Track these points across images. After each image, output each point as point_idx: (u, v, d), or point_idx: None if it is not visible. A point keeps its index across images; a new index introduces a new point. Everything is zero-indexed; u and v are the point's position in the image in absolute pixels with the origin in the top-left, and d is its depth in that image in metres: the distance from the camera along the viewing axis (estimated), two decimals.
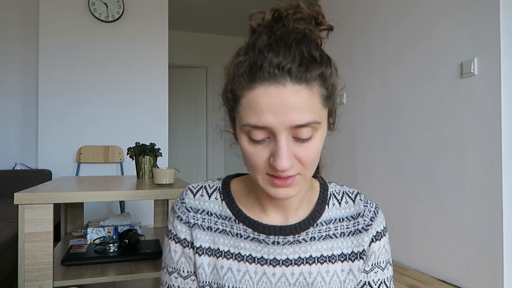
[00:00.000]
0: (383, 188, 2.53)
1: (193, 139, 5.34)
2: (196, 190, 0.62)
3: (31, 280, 1.12)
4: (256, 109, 0.46)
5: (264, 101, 0.46)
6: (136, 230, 1.60)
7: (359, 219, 0.62)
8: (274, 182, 0.49)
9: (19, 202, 1.11)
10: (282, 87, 0.45)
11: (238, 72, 0.48)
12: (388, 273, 0.63)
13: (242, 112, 0.48)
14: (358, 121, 2.79)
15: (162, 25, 3.28)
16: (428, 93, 2.15)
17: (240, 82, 0.48)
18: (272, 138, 0.48)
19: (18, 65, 3.18)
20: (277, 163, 0.46)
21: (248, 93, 0.47)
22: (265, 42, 0.47)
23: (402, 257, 2.34)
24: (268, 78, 0.45)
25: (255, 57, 0.47)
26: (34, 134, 3.16)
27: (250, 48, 0.48)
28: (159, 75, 3.26)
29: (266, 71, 0.45)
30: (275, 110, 0.45)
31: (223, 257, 0.58)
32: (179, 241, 0.61)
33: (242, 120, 0.48)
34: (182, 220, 0.61)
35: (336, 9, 3.11)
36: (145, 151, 1.76)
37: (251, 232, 0.58)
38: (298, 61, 0.46)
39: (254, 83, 0.46)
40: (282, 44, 0.47)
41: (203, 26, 4.99)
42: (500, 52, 1.72)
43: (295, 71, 0.45)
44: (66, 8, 3.03)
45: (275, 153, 0.47)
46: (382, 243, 0.62)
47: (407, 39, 2.33)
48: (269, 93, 0.45)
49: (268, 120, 0.46)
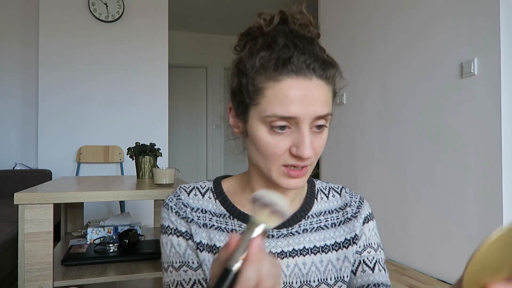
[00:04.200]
0: (383, 188, 2.52)
1: (193, 139, 5.34)
2: (189, 190, 0.63)
3: (31, 280, 1.12)
4: (284, 99, 0.49)
5: (293, 93, 0.49)
6: (136, 230, 1.60)
7: (347, 209, 0.65)
8: (290, 173, 0.52)
9: (19, 202, 1.11)
10: (309, 80, 0.49)
11: (263, 65, 0.50)
12: (381, 255, 0.64)
13: (266, 103, 0.50)
14: (358, 121, 2.79)
15: (162, 25, 3.28)
16: (428, 93, 2.15)
17: (265, 73, 0.50)
18: (295, 129, 0.50)
19: (18, 65, 3.18)
20: (303, 151, 0.49)
21: (275, 85, 0.49)
22: (285, 40, 0.51)
23: (402, 257, 2.34)
24: (296, 71, 0.49)
25: (281, 52, 0.50)
26: (34, 134, 3.16)
27: (273, 44, 0.51)
28: (159, 75, 3.26)
29: (295, 65, 0.49)
30: (302, 101, 0.49)
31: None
32: (181, 234, 0.60)
33: (266, 111, 0.50)
34: (180, 215, 0.60)
35: (336, 9, 3.11)
36: (145, 151, 1.76)
37: (246, 227, 0.59)
38: (321, 60, 0.50)
39: (282, 75, 0.49)
40: (305, 43, 0.51)
41: (203, 26, 4.99)
42: (500, 52, 1.72)
43: (318, 68, 0.50)
44: (66, 8, 3.03)
45: (299, 142, 0.50)
46: (371, 226, 0.65)
47: (407, 39, 2.33)
48: (297, 85, 0.49)
49: (296, 110, 0.48)
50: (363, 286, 0.61)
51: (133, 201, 3.05)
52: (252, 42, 0.54)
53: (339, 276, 0.61)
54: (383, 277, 0.62)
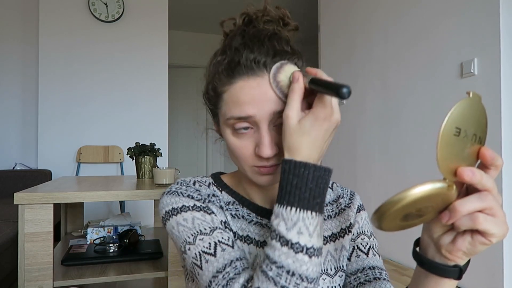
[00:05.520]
0: (383, 188, 2.52)
1: (193, 139, 5.34)
2: (192, 182, 0.60)
3: (31, 280, 1.12)
4: (238, 101, 0.50)
5: (245, 93, 0.49)
6: (136, 230, 1.60)
7: (340, 201, 0.66)
8: (261, 170, 0.52)
9: (19, 202, 1.11)
10: (260, 78, 0.49)
11: (218, 70, 0.52)
12: (375, 242, 0.65)
13: (224, 107, 0.52)
14: (358, 121, 2.79)
15: (162, 25, 3.28)
16: (428, 93, 2.15)
17: (220, 79, 0.52)
18: (256, 129, 0.51)
19: (18, 65, 3.18)
20: (262, 151, 0.49)
21: (229, 88, 0.51)
22: (239, 42, 0.52)
23: (402, 257, 2.34)
24: (246, 72, 0.49)
25: (232, 55, 0.51)
26: (34, 134, 3.16)
27: (227, 48, 0.53)
28: (159, 75, 3.26)
29: (244, 66, 0.49)
30: (256, 100, 0.49)
31: (236, 239, 0.57)
32: (202, 209, 0.54)
33: (226, 115, 0.51)
34: (195, 198, 0.55)
35: (336, 9, 3.11)
36: (145, 151, 1.76)
37: (255, 216, 0.59)
38: (272, 54, 0.50)
39: (234, 78, 0.50)
40: (256, 41, 0.51)
41: (203, 26, 4.98)
42: (500, 52, 1.72)
43: (270, 63, 0.49)
44: (66, 8, 3.03)
45: (259, 142, 0.50)
46: (363, 215, 0.66)
47: (407, 39, 2.33)
48: (249, 85, 0.49)
49: (250, 110, 0.49)
50: (358, 270, 0.61)
51: (133, 201, 3.06)
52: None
53: (338, 266, 0.61)
54: (377, 261, 0.62)
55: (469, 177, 0.37)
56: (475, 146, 0.39)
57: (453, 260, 0.42)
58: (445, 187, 0.37)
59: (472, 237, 0.39)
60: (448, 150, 0.37)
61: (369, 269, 0.60)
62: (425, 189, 0.36)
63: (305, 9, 4.07)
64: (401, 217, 0.39)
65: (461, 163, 0.38)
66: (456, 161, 0.37)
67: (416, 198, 0.36)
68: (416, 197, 0.36)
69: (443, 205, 0.39)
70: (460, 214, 0.38)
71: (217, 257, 0.49)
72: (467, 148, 0.38)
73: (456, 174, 0.37)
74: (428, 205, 0.38)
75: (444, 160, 0.37)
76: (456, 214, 0.38)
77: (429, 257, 0.44)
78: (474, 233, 0.39)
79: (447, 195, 0.38)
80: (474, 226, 0.38)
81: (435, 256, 0.44)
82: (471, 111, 0.38)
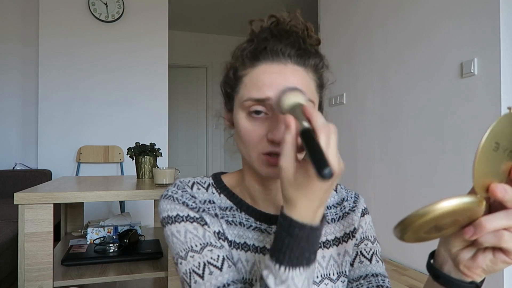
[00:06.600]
0: (383, 188, 2.52)
1: (193, 139, 5.34)
2: (190, 184, 0.59)
3: (31, 280, 1.12)
4: (258, 83, 0.51)
5: (267, 76, 0.50)
6: (136, 230, 1.60)
7: (344, 203, 0.65)
8: (269, 161, 0.51)
9: (19, 202, 1.11)
10: (283, 65, 0.51)
11: (243, 54, 0.53)
12: (378, 247, 0.64)
13: (243, 89, 0.53)
14: (358, 121, 2.79)
15: (162, 25, 3.28)
16: (428, 93, 2.15)
17: (244, 62, 0.53)
18: (271, 114, 0.51)
19: (18, 65, 3.18)
20: (275, 135, 0.49)
21: (251, 71, 0.52)
22: (268, 32, 0.53)
23: (402, 257, 2.34)
24: (271, 57, 0.51)
25: (259, 42, 0.53)
26: (34, 134, 3.16)
27: (254, 37, 0.54)
28: (159, 75, 3.26)
29: (270, 52, 0.51)
30: (276, 84, 0.50)
31: (232, 247, 0.56)
32: (195, 220, 0.54)
33: (244, 96, 0.52)
34: (189, 205, 0.56)
35: (336, 9, 3.11)
36: (145, 151, 1.76)
37: (253, 221, 0.58)
38: (297, 48, 0.52)
39: (258, 61, 0.52)
40: (284, 33, 0.52)
41: (203, 26, 4.98)
42: (500, 52, 1.72)
43: (295, 55, 0.51)
44: (66, 8, 3.03)
45: (273, 127, 0.50)
46: (367, 219, 0.65)
47: (407, 39, 2.33)
48: (271, 69, 0.51)
49: (269, 92, 0.50)
50: (361, 276, 0.61)
51: (133, 201, 3.05)
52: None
53: (341, 271, 0.60)
54: (381, 268, 0.62)
55: (502, 194, 0.36)
56: (509, 163, 0.38)
57: (470, 277, 0.41)
58: (476, 202, 0.36)
59: (494, 254, 0.39)
60: (485, 165, 0.36)
61: (372, 276, 0.60)
62: (453, 204, 0.35)
63: (305, 9, 4.07)
64: (425, 230, 0.38)
65: (495, 179, 0.37)
66: (490, 177, 0.37)
67: (444, 212, 0.36)
68: (443, 211, 0.35)
69: (469, 220, 0.38)
70: (486, 231, 0.37)
71: (204, 280, 0.50)
72: (502, 164, 0.37)
73: (489, 190, 0.36)
74: (454, 220, 0.38)
75: (479, 174, 0.36)
76: (482, 231, 0.37)
77: (445, 271, 0.44)
78: (496, 250, 0.38)
79: (475, 211, 0.37)
80: (498, 244, 0.37)
81: (451, 271, 0.43)
82: (510, 127, 0.37)
